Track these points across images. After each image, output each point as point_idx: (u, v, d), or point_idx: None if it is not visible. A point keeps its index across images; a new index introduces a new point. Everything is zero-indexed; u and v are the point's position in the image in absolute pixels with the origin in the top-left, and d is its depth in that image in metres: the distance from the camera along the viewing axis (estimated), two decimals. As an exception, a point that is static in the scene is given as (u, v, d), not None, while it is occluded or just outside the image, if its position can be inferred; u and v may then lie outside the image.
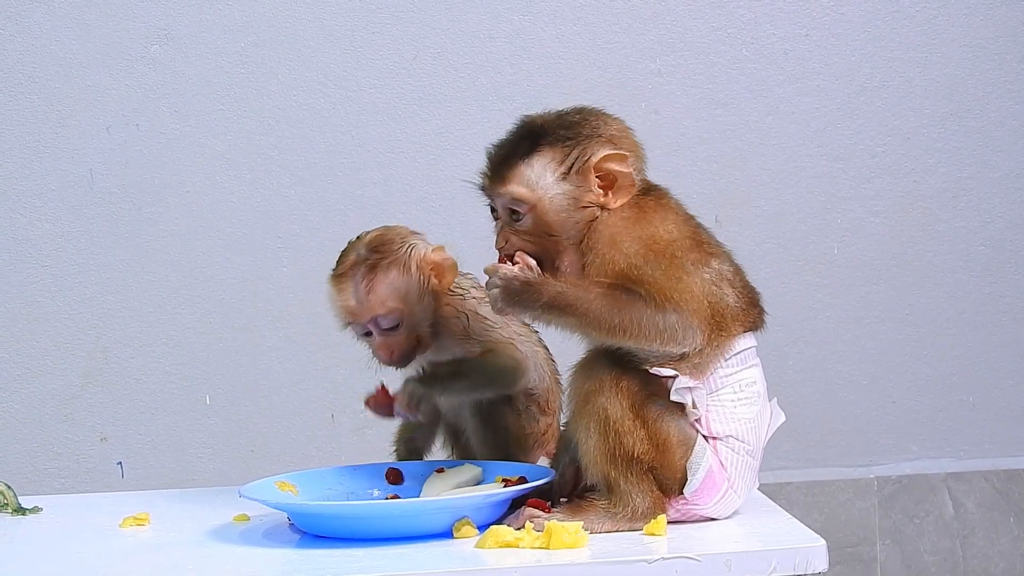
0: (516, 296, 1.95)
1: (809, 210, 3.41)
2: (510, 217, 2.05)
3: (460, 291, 2.25)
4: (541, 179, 2.03)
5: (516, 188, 2.03)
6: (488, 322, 2.22)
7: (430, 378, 2.20)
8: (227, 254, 3.28)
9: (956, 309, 3.45)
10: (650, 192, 2.05)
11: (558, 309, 1.94)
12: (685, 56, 3.37)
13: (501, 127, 3.28)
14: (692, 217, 2.06)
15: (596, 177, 2.01)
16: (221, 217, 3.28)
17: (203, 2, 3.26)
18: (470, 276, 2.29)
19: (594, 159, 2.01)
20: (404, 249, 2.22)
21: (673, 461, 1.95)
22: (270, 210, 3.29)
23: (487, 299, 2.04)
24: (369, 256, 2.20)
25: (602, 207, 2.01)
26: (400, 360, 2.22)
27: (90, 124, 3.25)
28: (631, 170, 2.01)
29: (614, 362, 1.95)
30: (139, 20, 3.25)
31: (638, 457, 1.93)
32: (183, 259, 3.27)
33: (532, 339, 2.29)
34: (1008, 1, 3.43)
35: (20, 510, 2.30)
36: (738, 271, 2.03)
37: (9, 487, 2.32)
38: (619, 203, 2.01)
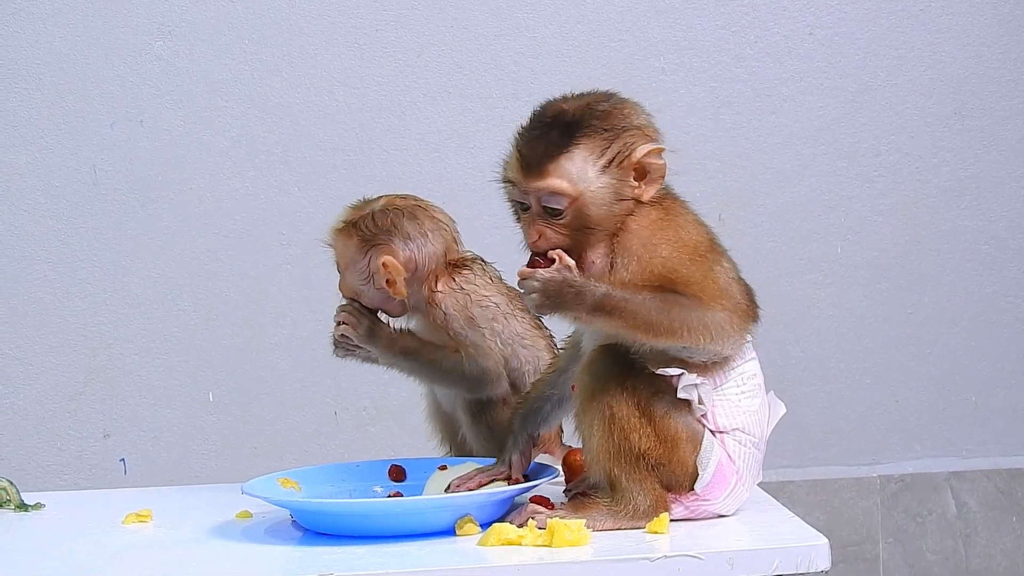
0: (557, 299, 1.90)
1: (812, 208, 3.41)
2: (546, 212, 1.97)
3: (452, 287, 2.26)
4: (583, 173, 1.96)
5: (557, 182, 1.96)
6: (474, 321, 2.23)
7: (390, 340, 2.24)
8: (230, 251, 3.28)
9: (959, 308, 3.45)
10: (667, 192, 2.05)
11: (605, 312, 1.89)
12: (689, 54, 3.37)
13: (505, 124, 3.28)
14: (702, 220, 2.06)
15: (636, 170, 1.98)
16: (225, 214, 3.28)
17: (207, -1, 3.27)
18: (477, 267, 2.29)
19: (637, 154, 1.98)
20: (378, 239, 2.25)
21: (683, 457, 1.95)
22: (274, 207, 3.29)
23: (480, 301, 2.15)
24: (361, 219, 2.26)
25: (636, 199, 1.98)
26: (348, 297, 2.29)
27: (94, 120, 3.25)
28: (664, 162, 2.00)
29: (620, 360, 1.95)
30: (143, 17, 3.25)
31: (644, 454, 1.93)
32: (186, 255, 3.27)
33: (538, 345, 2.28)
34: (1012, 0, 3.43)
35: (23, 506, 2.30)
36: (737, 268, 2.04)
37: (12, 483, 2.32)
38: (650, 195, 1.99)
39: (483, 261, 2.31)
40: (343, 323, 2.26)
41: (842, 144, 3.41)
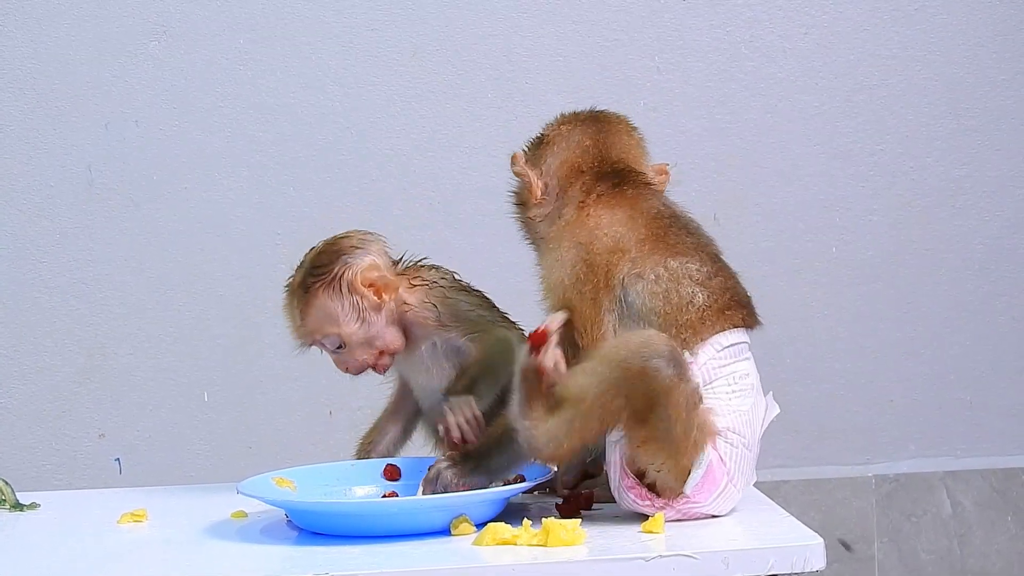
0: (461, 463, 1.99)
1: (807, 208, 3.41)
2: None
3: (424, 282, 2.24)
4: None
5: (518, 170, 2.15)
6: (461, 305, 2.22)
7: (465, 399, 2.15)
8: (225, 250, 3.28)
9: (954, 308, 3.45)
10: (613, 189, 2.06)
11: (505, 436, 1.97)
12: (684, 54, 3.37)
13: (500, 124, 3.31)
14: (662, 214, 2.05)
15: (539, 182, 2.10)
16: (219, 213, 3.28)
17: (202, -1, 3.27)
18: (435, 270, 2.28)
19: (513, 169, 2.12)
20: (336, 270, 2.20)
21: None
22: (268, 206, 3.29)
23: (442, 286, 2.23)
24: (306, 278, 2.21)
25: (534, 206, 2.10)
26: (360, 372, 2.25)
27: (89, 121, 3.25)
28: (526, 168, 2.09)
29: None
30: (138, 17, 3.25)
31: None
32: (181, 255, 3.27)
33: (516, 335, 2.28)
34: (1007, 0, 3.43)
35: (18, 506, 2.29)
36: (719, 271, 2.02)
37: (7, 483, 2.32)
38: (542, 199, 2.09)
39: (436, 265, 2.30)
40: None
41: (837, 144, 3.42)
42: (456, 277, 2.29)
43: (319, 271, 2.21)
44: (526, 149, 2.12)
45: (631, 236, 1.99)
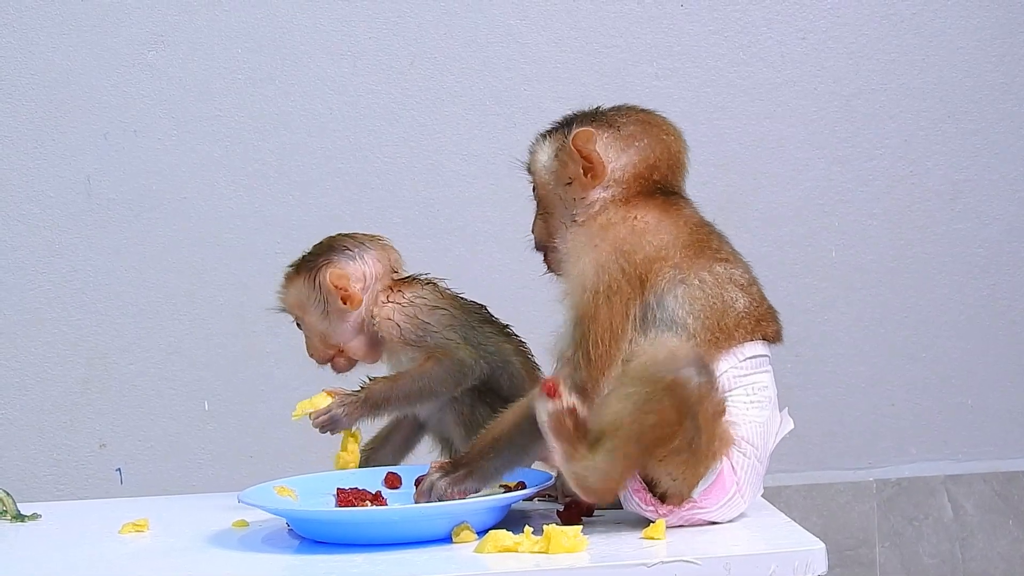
0: (452, 471, 1.99)
1: (807, 213, 3.41)
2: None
3: (401, 301, 2.26)
4: (541, 155, 2.08)
5: (531, 163, 2.09)
6: (430, 327, 2.24)
7: (364, 400, 2.26)
8: (225, 260, 3.28)
9: (954, 311, 3.45)
10: (659, 196, 2.05)
11: (495, 441, 1.98)
12: (682, 59, 3.37)
13: (498, 132, 3.31)
14: (703, 222, 2.07)
15: (582, 158, 2.02)
16: (219, 223, 3.28)
17: (200, 8, 3.27)
18: (430, 285, 2.29)
19: (569, 136, 2.03)
20: (319, 262, 2.29)
21: None
22: (268, 216, 3.29)
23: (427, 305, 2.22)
24: (302, 257, 2.32)
25: (585, 188, 2.03)
26: (322, 362, 2.35)
27: (87, 131, 3.25)
28: (598, 150, 2.02)
29: None
30: (136, 27, 3.25)
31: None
32: (181, 265, 3.27)
33: (504, 350, 2.28)
34: (1005, 4, 3.43)
35: (19, 517, 2.29)
36: (755, 281, 2.03)
37: (8, 494, 2.32)
38: (597, 184, 2.03)
39: (434, 282, 2.31)
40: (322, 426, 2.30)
41: (836, 148, 3.42)
42: (444, 294, 2.29)
43: (309, 257, 2.31)
44: (593, 129, 2.03)
45: (675, 243, 1.99)
